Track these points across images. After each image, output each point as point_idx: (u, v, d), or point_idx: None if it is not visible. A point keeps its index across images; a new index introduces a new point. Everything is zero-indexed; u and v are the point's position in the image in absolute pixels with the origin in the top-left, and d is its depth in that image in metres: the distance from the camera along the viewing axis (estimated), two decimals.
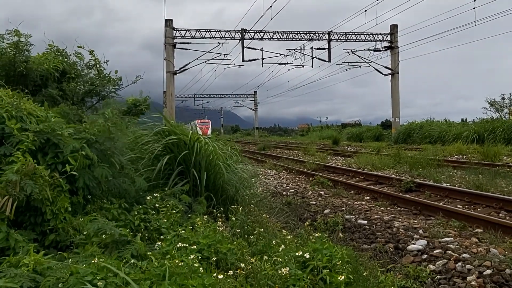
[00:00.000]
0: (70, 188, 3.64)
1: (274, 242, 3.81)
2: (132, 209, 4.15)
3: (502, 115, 35.66)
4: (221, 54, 33.26)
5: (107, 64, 6.05)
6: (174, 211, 4.28)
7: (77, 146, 3.70)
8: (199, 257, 3.17)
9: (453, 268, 4.23)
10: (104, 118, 4.30)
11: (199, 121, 61.30)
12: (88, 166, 3.77)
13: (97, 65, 6.01)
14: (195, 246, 3.36)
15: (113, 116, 4.35)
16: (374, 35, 34.09)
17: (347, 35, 33.76)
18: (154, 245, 3.52)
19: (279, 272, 3.00)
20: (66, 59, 5.80)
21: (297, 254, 3.35)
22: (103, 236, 3.26)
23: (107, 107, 5.12)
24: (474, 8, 26.11)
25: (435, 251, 4.72)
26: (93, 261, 2.67)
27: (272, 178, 12.33)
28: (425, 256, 4.68)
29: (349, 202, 8.07)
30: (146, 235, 3.85)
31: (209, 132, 54.42)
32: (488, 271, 4.02)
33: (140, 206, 4.21)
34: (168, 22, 31.43)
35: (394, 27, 34.45)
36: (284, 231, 4.58)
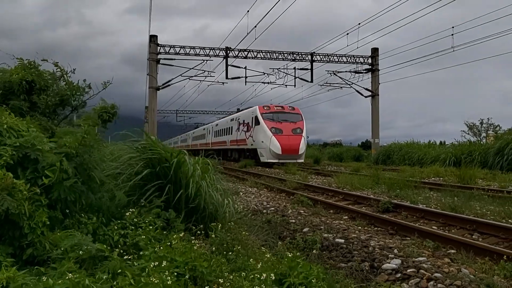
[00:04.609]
0: (49, 203, 3.63)
1: (251, 259, 3.85)
2: (110, 224, 4.15)
3: (479, 138, 36.73)
4: (205, 71, 33.41)
5: (73, 73, 5.87)
6: (152, 227, 4.29)
7: (55, 160, 3.71)
8: (175, 274, 3.20)
9: (425, 287, 4.34)
10: (81, 130, 4.26)
11: (262, 107, 28.45)
12: (67, 180, 3.77)
13: (64, 76, 5.87)
14: (172, 263, 3.38)
15: (88, 127, 4.29)
16: (356, 58, 34.90)
17: (330, 57, 34.50)
18: (131, 261, 3.52)
19: None
20: (35, 71, 5.62)
21: (274, 271, 3.41)
22: (80, 252, 3.27)
23: (83, 117, 5.07)
24: (452, 34, 27.14)
25: (408, 270, 4.82)
26: (67, 277, 2.68)
27: (253, 196, 12.35)
28: (399, 275, 4.78)
29: (327, 221, 8.16)
30: (124, 251, 3.85)
31: (302, 147, 25.54)
32: None
33: (119, 221, 4.21)
34: (153, 38, 31.58)
35: (375, 50, 35.35)
36: (263, 248, 4.62)
